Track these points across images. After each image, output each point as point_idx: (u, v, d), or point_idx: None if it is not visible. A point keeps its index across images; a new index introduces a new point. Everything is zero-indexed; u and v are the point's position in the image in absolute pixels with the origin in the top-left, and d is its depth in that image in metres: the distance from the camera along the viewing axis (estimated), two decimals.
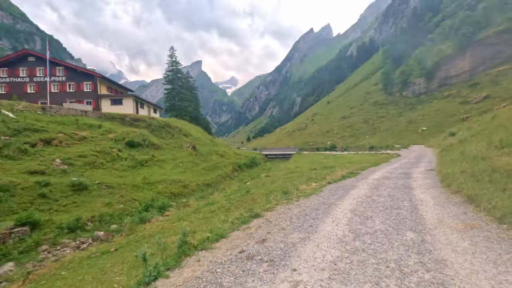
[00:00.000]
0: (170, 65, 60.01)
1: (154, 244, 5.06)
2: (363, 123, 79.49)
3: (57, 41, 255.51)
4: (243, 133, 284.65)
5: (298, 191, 7.89)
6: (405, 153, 28.24)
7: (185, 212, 11.11)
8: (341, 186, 8.83)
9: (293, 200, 7.16)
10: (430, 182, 8.77)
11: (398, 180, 9.61)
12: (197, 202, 13.89)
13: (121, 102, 33.72)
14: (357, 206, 6.25)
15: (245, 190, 11.54)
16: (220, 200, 11.26)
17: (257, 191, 10.76)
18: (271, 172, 22.55)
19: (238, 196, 10.90)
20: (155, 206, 13.75)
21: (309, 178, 10.47)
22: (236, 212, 6.20)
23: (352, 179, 10.34)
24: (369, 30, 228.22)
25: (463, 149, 10.57)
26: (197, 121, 63.64)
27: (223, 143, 41.91)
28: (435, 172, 10.35)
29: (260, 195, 9.92)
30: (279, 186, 10.67)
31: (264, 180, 16.09)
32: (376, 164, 15.85)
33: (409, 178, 9.88)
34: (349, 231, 4.69)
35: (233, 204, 9.77)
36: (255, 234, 4.73)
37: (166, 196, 17.75)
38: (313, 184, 8.84)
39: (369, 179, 10.15)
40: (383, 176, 10.80)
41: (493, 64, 66.04)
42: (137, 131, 26.80)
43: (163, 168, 23.26)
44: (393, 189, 8.12)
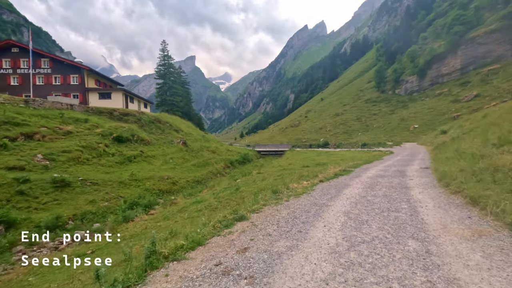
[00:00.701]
0: (162, 59, 58.73)
1: (125, 250, 4.47)
2: (356, 120, 79.89)
3: (46, 34, 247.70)
4: (237, 129, 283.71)
5: (288, 190, 7.48)
6: (398, 150, 28.23)
7: (171, 211, 10.62)
8: (334, 185, 8.43)
9: (283, 200, 6.72)
10: (427, 181, 8.44)
11: (393, 179, 9.26)
12: (185, 199, 13.39)
13: (109, 96, 32.64)
14: (351, 208, 5.84)
15: (235, 187, 11.11)
16: (209, 198, 10.80)
17: (247, 189, 10.33)
18: (263, 169, 22.16)
19: (227, 194, 10.46)
20: (141, 204, 13.18)
21: (301, 175, 10.10)
22: (220, 214, 5.73)
23: (345, 177, 9.98)
24: (362, 27, 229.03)
25: (457, 147, 10.37)
26: (189, 116, 62.67)
27: (215, 139, 41.32)
28: (430, 170, 10.10)
29: (249, 193, 9.50)
30: (269, 184, 10.27)
31: (256, 177, 15.69)
32: (369, 162, 15.62)
33: (405, 177, 9.56)
34: (343, 238, 4.19)
35: (221, 202, 9.33)
36: (237, 241, 4.23)
37: (154, 193, 17.19)
38: (304, 182, 8.46)
39: (363, 178, 9.80)
40: (377, 174, 10.49)
41: (484, 63, 66.96)
42: (125, 126, 25.95)
43: (152, 164, 22.59)
44: (389, 188, 7.76)
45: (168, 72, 59.31)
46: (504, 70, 60.56)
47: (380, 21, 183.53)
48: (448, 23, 77.65)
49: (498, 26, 65.64)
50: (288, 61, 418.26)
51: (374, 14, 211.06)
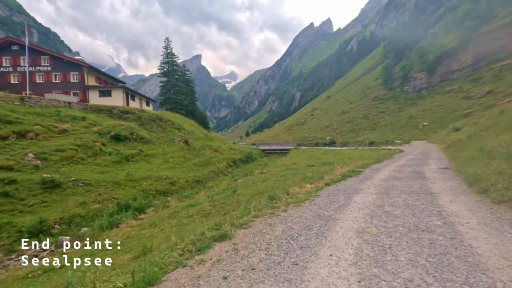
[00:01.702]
0: (165, 57, 58.00)
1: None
2: (363, 118, 78.16)
3: (54, 34, 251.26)
4: (242, 128, 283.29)
5: (288, 195, 6.43)
6: (408, 148, 26.89)
7: (160, 216, 9.74)
8: (342, 189, 7.23)
9: (280, 209, 5.49)
10: (454, 185, 7.10)
11: (411, 182, 7.96)
12: (179, 202, 12.49)
13: (110, 94, 32.04)
14: (365, 223, 4.51)
15: (232, 190, 10.18)
16: (203, 201, 9.88)
17: (245, 191, 9.37)
18: (266, 169, 21.17)
19: (223, 197, 9.52)
20: (132, 206, 12.34)
21: (305, 177, 9.08)
22: (199, 229, 4.77)
23: (354, 179, 8.77)
24: (370, 24, 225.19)
25: (481, 145, 9.21)
26: (193, 115, 61.98)
27: (218, 138, 40.46)
28: (452, 171, 8.93)
29: (246, 197, 8.54)
30: (269, 186, 9.30)
31: (257, 177, 14.73)
32: (379, 161, 14.48)
33: (424, 179, 8.27)
34: (359, 282, 2.77)
35: (215, 207, 8.39)
36: (202, 281, 2.97)
37: (151, 194, 16.39)
38: (308, 185, 7.43)
39: (375, 180, 8.57)
40: (390, 175, 9.25)
41: (497, 58, 64.42)
42: (125, 124, 25.26)
43: (151, 163, 21.83)
44: (409, 194, 6.43)
45: (172, 70, 58.59)
46: None
47: (387, 17, 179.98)
48: (458, 17, 75.25)
49: (511, 20, 63.05)
50: (294, 59, 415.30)
51: (381, 11, 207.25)
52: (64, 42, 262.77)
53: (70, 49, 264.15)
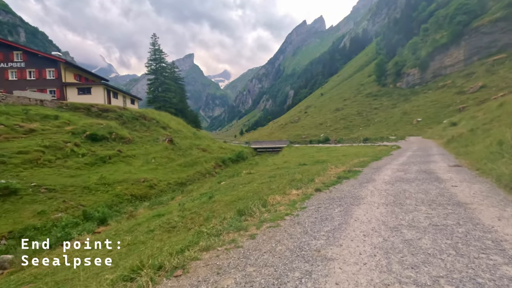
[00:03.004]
0: (152, 54, 55.97)
1: None
2: (357, 115, 77.41)
3: (42, 34, 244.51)
4: (237, 126, 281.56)
5: (265, 208, 4.91)
6: (404, 144, 25.73)
7: (120, 229, 8.19)
8: (337, 198, 5.62)
9: (247, 232, 3.87)
10: (484, 189, 5.56)
11: (425, 185, 6.39)
12: (149, 210, 10.92)
13: (89, 91, 30.04)
14: (378, 271, 2.68)
15: (208, 195, 8.67)
16: (173, 210, 8.37)
17: (222, 198, 7.88)
18: (256, 168, 19.69)
19: (196, 205, 8.01)
20: (94, 217, 10.70)
21: (292, 179, 7.61)
22: (145, 254, 3.23)
23: (352, 182, 7.19)
24: (362, 21, 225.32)
25: (499, 138, 7.91)
26: (183, 113, 60.12)
27: (208, 137, 38.82)
28: (467, 169, 7.58)
29: (223, 205, 7.05)
30: (251, 191, 7.83)
31: (243, 179, 13.24)
32: (377, 158, 13.12)
33: (440, 181, 6.68)
34: None
35: (184, 218, 6.88)
36: None
37: (126, 199, 14.73)
38: (293, 191, 5.93)
39: (378, 183, 6.97)
40: (396, 176, 7.71)
41: (489, 53, 64.30)
42: (103, 122, 23.46)
43: (131, 164, 20.13)
44: (431, 206, 4.75)
45: (160, 67, 56.58)
46: (511, 59, 57.92)
47: (379, 14, 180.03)
48: (450, 13, 74.87)
49: (503, 14, 62.87)
50: (287, 57, 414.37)
51: (373, 8, 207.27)
52: (52, 42, 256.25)
53: (59, 49, 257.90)
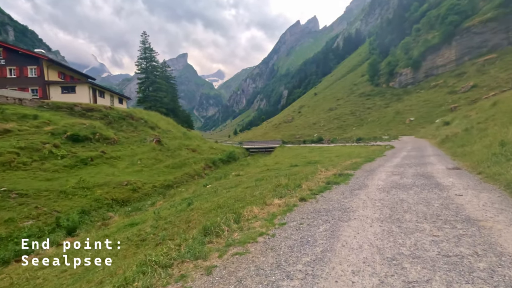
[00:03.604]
0: (143, 52, 54.68)
1: None
2: (350, 115, 77.41)
3: (32, 32, 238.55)
4: (231, 126, 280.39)
5: (237, 225, 4.15)
6: (398, 144, 25.36)
7: (83, 241, 7.38)
8: (324, 210, 4.82)
9: (205, 264, 3.06)
10: (494, 199, 4.76)
11: (424, 192, 5.66)
12: (124, 218, 10.11)
13: (74, 90, 28.84)
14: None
15: (188, 202, 7.93)
16: (148, 219, 7.60)
17: (202, 205, 7.16)
18: (245, 170, 19.00)
19: (173, 213, 7.28)
20: (63, 226, 9.81)
21: (278, 184, 6.93)
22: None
23: (342, 189, 6.52)
24: (355, 22, 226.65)
25: (502, 138, 7.38)
26: (175, 113, 59.05)
27: (199, 137, 37.91)
28: (468, 173, 7.00)
29: (201, 214, 6.33)
30: (233, 197, 7.13)
31: (230, 182, 12.53)
32: (370, 159, 12.56)
33: (441, 188, 5.95)
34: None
35: (156, 229, 6.13)
36: None
37: (106, 204, 13.85)
38: (275, 201, 5.20)
39: (371, 189, 6.30)
40: (391, 181, 7.03)
41: (480, 53, 64.99)
42: (87, 122, 22.42)
43: (115, 166, 19.19)
44: (436, 224, 3.93)
45: (150, 66, 55.34)
46: (501, 59, 58.53)
47: (372, 14, 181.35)
48: (442, 13, 75.52)
49: (494, 14, 63.58)
50: (281, 57, 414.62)
51: (366, 8, 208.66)
52: (42, 41, 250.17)
53: (49, 48, 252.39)
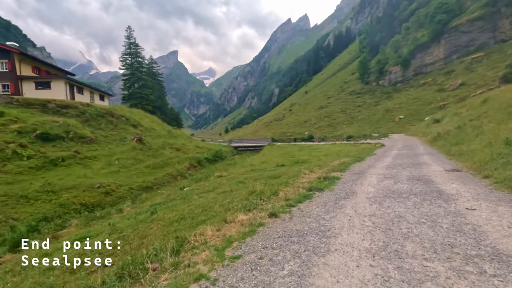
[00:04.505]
0: (127, 48, 52.63)
1: None
2: (341, 113, 77.30)
3: (15, 28, 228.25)
4: (222, 124, 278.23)
5: (175, 258, 3.00)
6: (388, 142, 24.81)
7: (19, 262, 6.25)
8: (295, 233, 3.73)
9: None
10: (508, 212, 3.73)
11: (426, 206, 4.52)
12: (81, 228, 8.94)
13: (49, 86, 27.06)
14: None
15: (151, 211, 6.89)
16: (103, 231, 6.51)
17: (165, 215, 6.14)
18: (230, 170, 17.96)
19: (131, 224, 6.20)
20: (7, 239, 8.56)
21: (252, 191, 5.95)
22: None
23: (325, 197, 5.44)
24: (345, 20, 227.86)
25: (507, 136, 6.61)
26: (162, 111, 57.32)
27: (184, 135, 36.54)
28: (471, 176, 6.16)
29: (160, 227, 5.29)
30: (201, 205, 6.13)
31: (209, 184, 11.50)
32: (360, 159, 11.72)
33: (446, 199, 4.83)
34: None
35: (104, 246, 5.02)
36: None
37: (73, 209, 12.57)
38: (240, 216, 4.08)
39: (359, 199, 5.25)
40: (383, 187, 6.01)
41: (467, 51, 65.78)
42: (60, 120, 20.90)
43: (90, 167, 17.83)
44: (452, 263, 2.75)
45: (136, 62, 53.36)
46: (488, 58, 59.28)
47: (362, 13, 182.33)
48: (430, 12, 76.13)
49: (481, 13, 64.35)
50: (272, 55, 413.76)
51: (356, 7, 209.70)
52: (27, 36, 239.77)
53: (34, 43, 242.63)
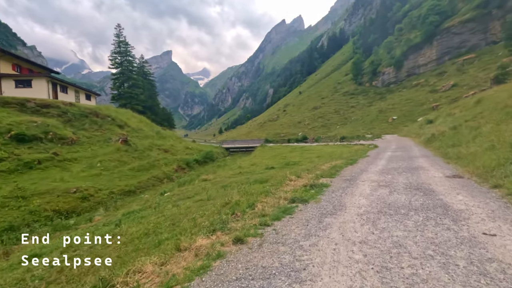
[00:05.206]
0: (117, 46, 51.28)
1: None
2: (334, 113, 77.15)
3: (5, 26, 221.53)
4: (216, 125, 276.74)
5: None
6: (382, 143, 24.34)
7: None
8: (261, 274, 2.75)
9: None
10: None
11: (432, 227, 3.70)
12: (37, 243, 8.03)
13: (30, 84, 25.84)
14: None
15: (115, 223, 6.09)
16: (59, 247, 5.67)
17: (128, 230, 5.35)
18: (218, 173, 17.16)
19: (90, 239, 5.32)
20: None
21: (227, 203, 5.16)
22: None
23: (307, 213, 4.54)
24: (339, 21, 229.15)
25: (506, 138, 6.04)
26: (153, 111, 56.12)
27: (174, 136, 35.52)
28: (475, 184, 5.50)
29: (120, 245, 4.45)
30: (171, 217, 5.36)
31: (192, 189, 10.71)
32: (352, 161, 11.04)
33: (454, 218, 3.98)
34: None
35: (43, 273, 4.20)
36: None
37: (44, 217, 11.59)
38: (199, 241, 2.94)
39: (348, 217, 4.31)
40: (378, 199, 5.15)
41: (459, 53, 66.34)
42: (39, 120, 19.79)
43: (68, 170, 16.80)
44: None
45: (126, 61, 52.04)
46: (479, 59, 59.78)
47: (356, 14, 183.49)
48: (423, 13, 76.74)
49: (472, 15, 64.92)
50: (267, 56, 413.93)
51: (350, 8, 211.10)
52: (17, 35, 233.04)
53: (24, 42, 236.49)
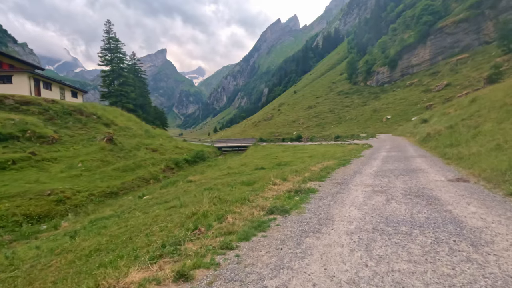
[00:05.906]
0: (106, 43, 49.90)
1: None
2: (329, 113, 76.86)
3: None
4: (211, 124, 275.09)
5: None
6: (376, 143, 23.83)
7: None
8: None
9: None
10: None
11: (447, 257, 2.74)
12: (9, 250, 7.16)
13: (10, 80, 24.62)
14: None
15: (70, 235, 5.30)
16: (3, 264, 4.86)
17: (81, 244, 4.56)
18: (205, 173, 16.39)
19: (33, 256, 4.54)
20: None
21: (194, 213, 4.39)
22: None
23: (286, 230, 3.73)
24: (334, 21, 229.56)
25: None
26: (144, 109, 54.93)
27: (164, 135, 34.47)
28: (486, 190, 4.81)
29: (65, 262, 3.73)
30: (132, 229, 4.62)
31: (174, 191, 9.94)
32: (345, 162, 10.38)
33: (472, 241, 3.08)
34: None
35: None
36: None
37: (12, 222, 10.67)
38: (132, 275, 2.09)
39: (335, 236, 3.42)
40: (372, 210, 4.40)
41: (452, 53, 66.58)
42: (17, 118, 18.71)
43: (46, 171, 15.82)
44: None
45: (116, 57, 50.68)
46: (472, 59, 60.03)
47: (350, 14, 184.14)
48: (417, 13, 76.91)
49: (465, 15, 65.18)
50: (262, 55, 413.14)
51: (344, 8, 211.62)
52: (7, 32, 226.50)
53: (15, 39, 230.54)
